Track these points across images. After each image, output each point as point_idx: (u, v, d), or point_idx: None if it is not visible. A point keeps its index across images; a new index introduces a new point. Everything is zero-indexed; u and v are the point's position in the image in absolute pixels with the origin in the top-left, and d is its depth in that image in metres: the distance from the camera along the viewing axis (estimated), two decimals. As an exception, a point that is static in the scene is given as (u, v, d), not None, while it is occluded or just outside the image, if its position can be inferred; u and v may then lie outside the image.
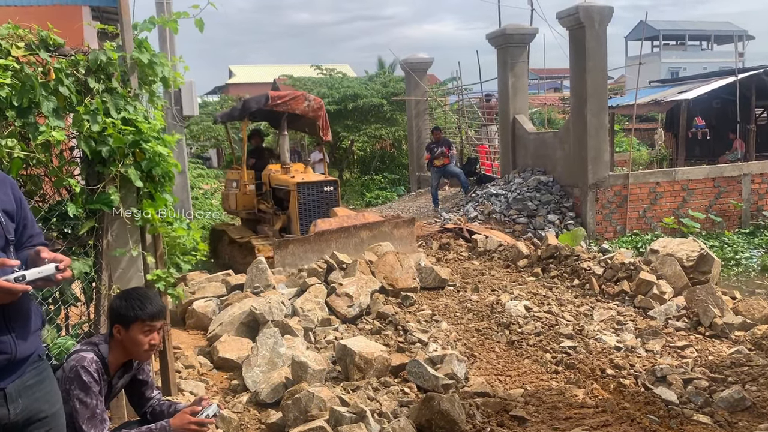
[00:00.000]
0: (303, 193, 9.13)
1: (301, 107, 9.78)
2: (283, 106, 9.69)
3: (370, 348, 4.83)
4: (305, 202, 9.16)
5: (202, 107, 34.18)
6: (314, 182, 9.36)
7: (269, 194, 9.96)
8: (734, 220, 11.87)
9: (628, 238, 11.14)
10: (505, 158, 13.97)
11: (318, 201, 9.22)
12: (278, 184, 9.76)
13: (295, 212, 9.17)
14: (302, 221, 9.07)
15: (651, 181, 11.61)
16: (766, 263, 9.63)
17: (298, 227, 9.09)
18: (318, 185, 9.32)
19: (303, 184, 9.20)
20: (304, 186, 9.20)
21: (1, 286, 2.05)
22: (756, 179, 11.98)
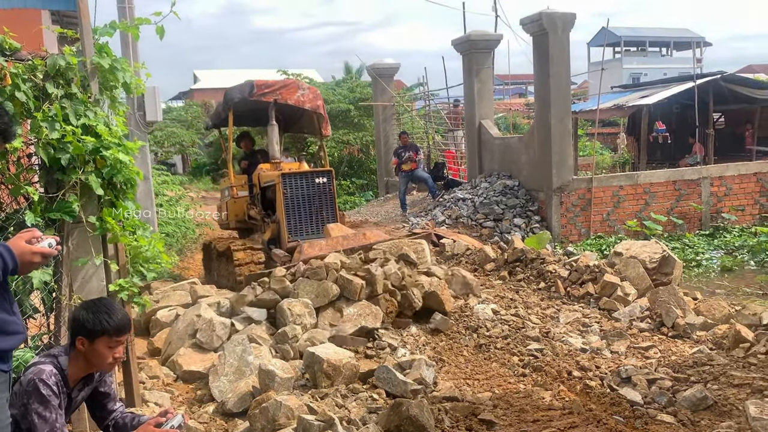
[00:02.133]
0: (289, 186, 7.75)
1: (293, 97, 8.42)
2: (271, 95, 8.36)
3: (339, 355, 4.80)
4: (293, 198, 7.77)
5: (166, 113, 33.72)
6: (302, 173, 7.92)
7: (258, 197, 8.67)
8: (695, 222, 12.15)
9: (592, 240, 11.31)
10: (471, 163, 14.08)
11: (308, 197, 7.83)
12: (266, 181, 8.43)
13: (281, 212, 7.80)
14: (291, 224, 7.81)
15: (614, 184, 11.82)
16: (725, 264, 9.86)
17: (285, 233, 7.76)
18: (307, 177, 7.85)
19: (289, 175, 7.81)
20: (291, 178, 7.76)
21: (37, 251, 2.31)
22: (715, 182, 12.28)
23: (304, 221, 7.78)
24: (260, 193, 8.57)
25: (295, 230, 7.77)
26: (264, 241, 7.98)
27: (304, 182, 7.84)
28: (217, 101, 9.40)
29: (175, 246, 10.95)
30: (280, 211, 7.73)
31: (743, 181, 12.43)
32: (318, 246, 6.72)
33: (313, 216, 7.85)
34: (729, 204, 12.31)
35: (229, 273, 7.73)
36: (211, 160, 29.82)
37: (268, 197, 8.42)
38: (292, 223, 7.77)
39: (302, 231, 7.84)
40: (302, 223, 7.75)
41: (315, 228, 7.84)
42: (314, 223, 7.87)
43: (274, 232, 7.98)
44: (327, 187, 7.96)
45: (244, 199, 8.95)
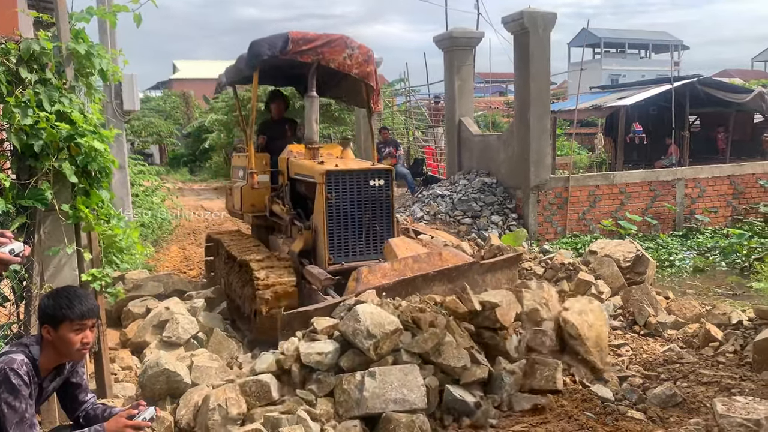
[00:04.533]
0: (336, 188, 5.79)
1: (339, 58, 6.45)
2: (311, 54, 6.35)
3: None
4: (339, 205, 5.83)
5: (144, 102, 33.37)
6: (354, 171, 5.93)
7: (286, 190, 6.73)
8: (669, 222, 12.32)
9: (568, 239, 11.42)
10: (450, 160, 14.13)
11: (360, 204, 5.88)
12: (299, 173, 6.44)
13: (322, 222, 5.81)
14: (334, 241, 5.82)
15: (590, 184, 11.94)
16: (697, 264, 10.02)
17: (326, 253, 5.80)
18: (359, 177, 5.89)
19: (336, 173, 5.81)
20: (338, 177, 5.81)
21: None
22: (689, 184, 12.47)
23: (353, 237, 5.87)
24: (289, 185, 6.70)
25: (339, 249, 5.85)
26: (293, 252, 6.06)
27: (356, 184, 5.87)
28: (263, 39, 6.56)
29: (150, 237, 10.82)
30: (321, 221, 5.82)
31: (717, 183, 12.63)
32: (381, 271, 4.95)
33: (364, 231, 5.91)
34: (702, 205, 12.51)
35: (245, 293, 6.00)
36: (189, 151, 29.57)
37: (301, 193, 6.59)
38: (336, 239, 5.83)
39: (349, 251, 5.90)
40: (350, 239, 5.86)
41: (366, 248, 5.94)
42: (366, 241, 5.94)
43: (308, 243, 6.04)
44: (385, 192, 5.96)
45: (264, 187, 7.12)
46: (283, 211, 6.67)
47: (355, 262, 5.74)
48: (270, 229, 7.30)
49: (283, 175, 6.91)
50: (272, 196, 7.04)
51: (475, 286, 4.95)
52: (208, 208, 16.18)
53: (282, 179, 6.92)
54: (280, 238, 6.85)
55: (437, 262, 5.11)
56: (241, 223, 10.90)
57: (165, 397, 4.16)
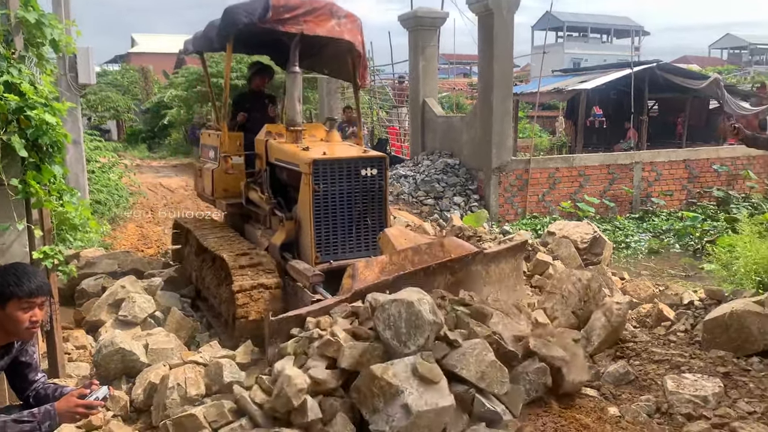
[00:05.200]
0: (323, 178, 5.20)
1: (325, 27, 5.82)
2: (293, 23, 5.68)
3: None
4: (327, 197, 5.23)
5: (100, 76, 32.44)
6: (344, 160, 5.32)
7: (265, 176, 6.02)
8: (626, 205, 12.59)
9: (527, 220, 11.57)
10: (414, 140, 14.14)
11: (352, 196, 5.31)
12: (281, 159, 5.79)
13: (308, 217, 5.22)
14: (321, 236, 5.24)
15: (551, 166, 12.10)
16: (652, 246, 10.28)
17: (312, 250, 5.21)
18: (351, 165, 5.30)
19: (324, 162, 5.22)
20: (326, 166, 5.21)
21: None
22: (646, 167, 12.73)
23: (343, 233, 5.30)
24: (268, 171, 6.00)
25: (327, 246, 5.25)
26: (274, 246, 5.50)
27: (346, 173, 5.26)
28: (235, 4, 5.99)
29: (107, 214, 10.58)
30: (306, 214, 5.24)
31: (673, 167, 12.93)
32: (378, 266, 4.45)
33: (354, 226, 5.33)
34: (658, 189, 12.80)
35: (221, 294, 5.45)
36: (148, 128, 28.92)
37: (282, 180, 5.91)
38: (324, 235, 5.24)
39: (338, 248, 5.30)
40: (339, 235, 5.29)
41: (357, 244, 5.39)
42: (357, 237, 5.38)
43: (290, 235, 5.47)
44: (378, 183, 5.37)
45: (239, 171, 6.46)
46: (262, 200, 5.98)
47: (346, 260, 5.16)
48: (246, 218, 6.61)
49: (261, 159, 6.16)
50: (249, 182, 6.30)
51: (479, 278, 4.57)
52: (167, 185, 15.90)
53: (260, 164, 6.18)
54: (258, 229, 6.21)
55: (439, 254, 4.59)
56: (202, 202, 10.73)
57: (120, 377, 4.09)
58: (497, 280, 4.70)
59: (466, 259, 4.55)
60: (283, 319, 3.87)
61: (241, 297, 4.77)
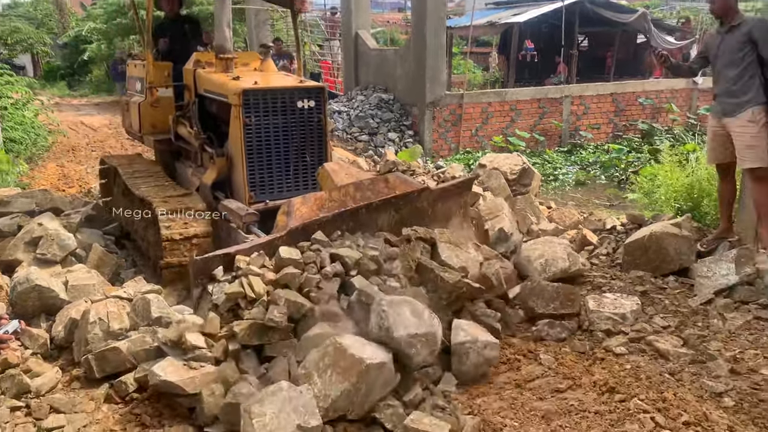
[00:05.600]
0: (255, 110, 4.86)
1: None
2: None
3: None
4: (261, 133, 4.91)
5: (11, 8, 30.21)
6: (278, 90, 4.98)
7: (194, 109, 5.58)
8: (555, 139, 12.84)
9: (461, 155, 11.67)
10: (347, 75, 13.87)
11: (288, 130, 4.98)
12: (210, 90, 5.40)
13: (240, 153, 4.90)
14: (255, 174, 4.93)
15: (483, 101, 12.14)
16: (579, 178, 10.58)
17: (245, 190, 4.93)
18: (286, 96, 4.96)
19: (255, 92, 4.86)
20: (257, 97, 4.87)
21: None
22: (575, 101, 12.95)
23: (279, 171, 5.01)
24: (197, 103, 5.59)
25: (262, 185, 4.96)
26: (205, 185, 5.19)
27: (280, 105, 4.92)
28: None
29: (23, 153, 10.02)
30: (238, 150, 4.91)
31: (600, 101, 13.21)
32: (316, 202, 4.17)
33: (292, 163, 5.02)
34: (587, 122, 13.09)
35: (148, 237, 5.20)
36: (66, 64, 27.27)
37: (212, 113, 5.53)
38: (258, 173, 4.93)
39: (274, 187, 5.03)
40: (275, 173, 4.99)
41: (295, 182, 5.10)
42: (295, 175, 5.08)
43: (222, 173, 5.16)
44: (316, 115, 5.05)
45: (167, 104, 6.01)
46: (191, 135, 5.55)
47: (283, 200, 4.70)
48: (176, 155, 6.19)
49: (189, 90, 5.73)
50: (177, 115, 5.86)
51: (424, 216, 4.32)
52: (90, 124, 15.16)
53: (188, 95, 5.75)
54: (189, 167, 5.80)
55: (383, 190, 4.33)
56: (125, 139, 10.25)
57: (39, 315, 3.93)
58: (443, 218, 4.46)
59: (412, 196, 4.28)
60: (208, 259, 3.59)
61: (169, 245, 4.53)
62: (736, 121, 4.74)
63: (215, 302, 3.27)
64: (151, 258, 5.16)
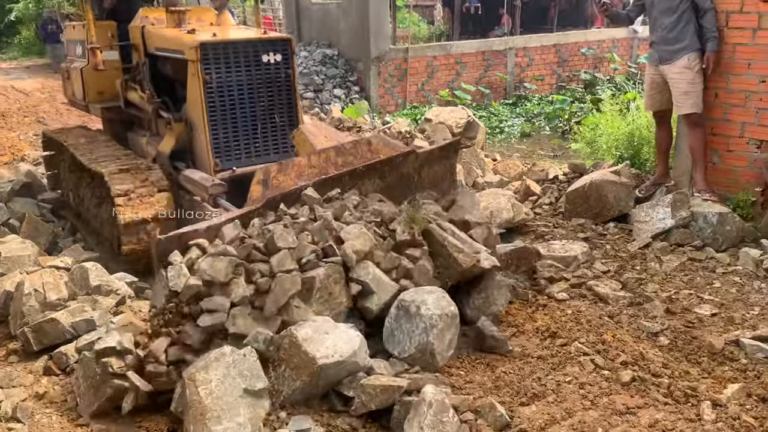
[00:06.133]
0: (216, 66, 4.40)
1: None
2: None
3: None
4: (224, 92, 4.45)
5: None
6: (240, 42, 4.51)
7: (145, 71, 5.10)
8: (500, 91, 12.88)
9: (408, 110, 11.61)
10: (289, 30, 13.52)
11: (253, 88, 4.52)
12: (162, 47, 4.91)
13: (201, 116, 4.44)
14: (219, 139, 4.47)
15: (428, 55, 12.04)
16: (524, 130, 10.68)
17: (209, 156, 4.46)
18: (249, 49, 4.49)
19: (214, 46, 4.39)
20: (217, 51, 4.40)
21: None
22: (519, 53, 12.98)
23: (246, 134, 4.55)
24: (148, 64, 5.10)
25: (228, 150, 4.50)
26: (163, 155, 4.75)
27: (243, 60, 4.45)
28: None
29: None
30: (198, 113, 4.45)
31: (544, 53, 13.27)
32: (295, 169, 3.74)
33: (259, 124, 4.59)
34: (531, 74, 13.16)
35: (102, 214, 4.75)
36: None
37: (166, 74, 5.07)
38: (223, 137, 4.47)
39: (241, 152, 4.57)
40: (241, 136, 4.53)
41: (264, 146, 4.66)
42: (264, 138, 4.64)
43: (181, 140, 4.70)
44: (284, 71, 4.61)
45: (114, 68, 5.44)
46: (144, 100, 5.07)
47: (252, 166, 4.39)
48: (128, 124, 5.70)
49: (138, 50, 5.21)
50: (126, 79, 5.39)
51: (411, 182, 3.92)
52: (21, 88, 14.46)
53: (137, 56, 5.23)
54: (143, 136, 5.32)
55: (366, 154, 3.94)
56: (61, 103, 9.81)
57: (-31, 289, 3.78)
58: (431, 184, 4.05)
59: (397, 161, 3.86)
60: (173, 238, 3.14)
61: (126, 228, 4.17)
62: (672, 68, 4.83)
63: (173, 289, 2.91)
64: (107, 237, 4.72)
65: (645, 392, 2.91)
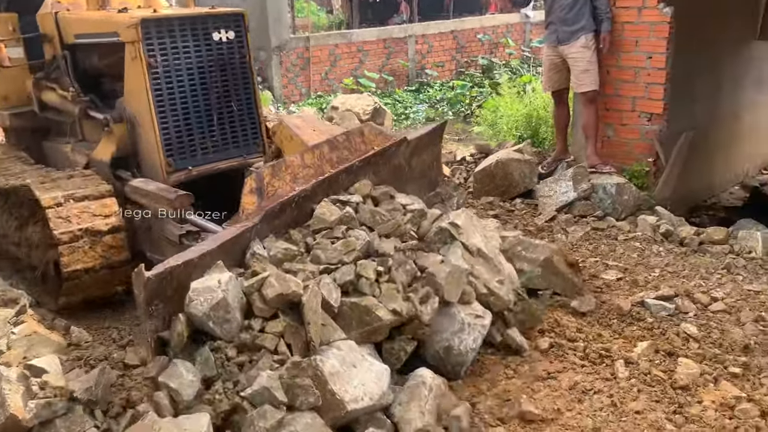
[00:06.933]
0: (161, 47, 3.72)
1: None
2: None
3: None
4: (172, 77, 3.78)
5: None
6: (186, 18, 3.83)
7: (65, 65, 4.35)
8: (403, 78, 13.00)
9: (313, 100, 11.50)
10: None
11: (204, 71, 3.87)
12: (86, 33, 4.22)
13: (147, 108, 3.76)
14: (171, 136, 3.82)
15: (330, 43, 11.97)
16: (429, 115, 10.85)
17: (160, 155, 3.79)
18: (197, 26, 3.83)
19: (157, 23, 3.72)
20: (161, 28, 3.73)
21: None
22: (419, 40, 13.14)
23: (200, 126, 3.91)
24: (69, 57, 4.37)
25: (181, 148, 3.86)
26: (101, 163, 4.02)
27: (192, 39, 3.82)
28: None
29: None
30: (144, 105, 3.78)
31: (442, 39, 13.50)
32: (290, 171, 3.21)
33: (215, 114, 3.95)
34: (431, 60, 13.36)
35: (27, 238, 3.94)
36: None
37: (90, 66, 4.39)
38: (174, 132, 3.83)
39: (197, 148, 3.93)
40: (195, 130, 3.90)
41: (223, 140, 4.03)
42: (221, 130, 4.01)
43: (122, 146, 3.99)
44: (239, 50, 4.01)
45: (20, 67, 4.69)
46: (67, 100, 4.33)
47: (210, 164, 3.91)
48: (43, 133, 4.85)
49: (52, 42, 4.48)
50: (39, 78, 4.60)
51: (402, 174, 3.53)
52: None
53: (51, 49, 4.49)
54: (66, 144, 4.52)
55: (359, 146, 3.51)
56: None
57: None
58: (420, 174, 3.69)
59: (390, 152, 3.48)
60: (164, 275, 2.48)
61: (68, 248, 3.43)
62: (571, 48, 5.04)
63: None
64: (36, 265, 3.89)
65: (563, 357, 3.04)
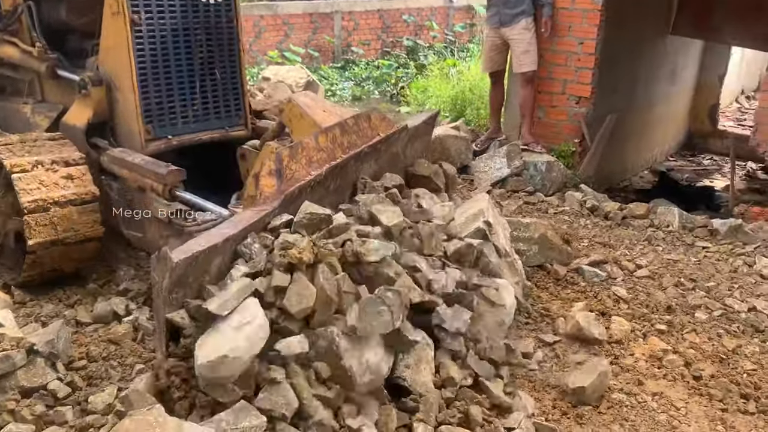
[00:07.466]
0: (146, 2, 3.45)
1: None
2: None
3: None
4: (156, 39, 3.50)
5: None
6: None
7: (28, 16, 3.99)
8: (329, 55, 12.96)
9: (237, 71, 11.28)
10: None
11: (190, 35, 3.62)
12: None
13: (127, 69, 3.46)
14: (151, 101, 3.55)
15: (255, 14, 11.75)
16: (355, 94, 10.91)
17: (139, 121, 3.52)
18: None
19: None
20: None
21: None
22: (346, 17, 13.12)
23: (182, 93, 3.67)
24: (34, 5, 3.96)
25: (161, 114, 3.61)
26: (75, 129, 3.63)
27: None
28: None
29: None
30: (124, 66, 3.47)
31: (369, 17, 13.55)
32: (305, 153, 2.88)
33: (198, 80, 3.70)
34: (357, 38, 13.38)
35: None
36: None
37: (55, 20, 4.05)
38: (155, 96, 3.56)
39: (177, 116, 3.68)
40: (177, 96, 3.65)
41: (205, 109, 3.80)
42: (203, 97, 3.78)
43: (100, 111, 3.63)
44: (226, 14, 3.77)
45: None
46: (30, 56, 3.95)
47: (191, 134, 3.69)
48: None
49: None
50: None
51: (398, 162, 3.44)
52: None
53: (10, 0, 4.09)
54: (25, 105, 4.08)
55: (367, 132, 3.29)
56: None
57: None
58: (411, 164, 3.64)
59: (392, 139, 3.35)
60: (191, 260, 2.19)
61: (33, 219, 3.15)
62: (513, 30, 5.28)
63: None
64: None
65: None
